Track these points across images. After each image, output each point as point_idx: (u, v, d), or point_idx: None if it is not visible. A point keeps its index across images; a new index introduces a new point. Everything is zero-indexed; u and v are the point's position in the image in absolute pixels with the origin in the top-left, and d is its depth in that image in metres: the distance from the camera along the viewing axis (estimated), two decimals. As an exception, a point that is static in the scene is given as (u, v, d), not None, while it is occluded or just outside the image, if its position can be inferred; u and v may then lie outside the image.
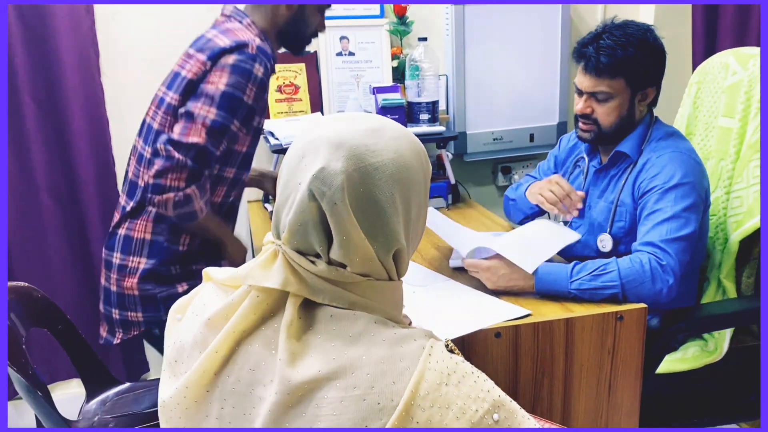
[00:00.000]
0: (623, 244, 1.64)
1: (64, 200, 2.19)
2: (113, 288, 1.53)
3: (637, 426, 1.50)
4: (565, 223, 1.84)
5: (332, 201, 0.75)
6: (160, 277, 1.50)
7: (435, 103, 2.22)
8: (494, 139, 2.49)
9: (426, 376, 0.72)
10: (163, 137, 1.40)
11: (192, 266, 1.53)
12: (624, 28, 1.57)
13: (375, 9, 2.32)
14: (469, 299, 1.46)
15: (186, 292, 1.47)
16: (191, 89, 1.43)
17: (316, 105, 2.33)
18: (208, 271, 0.92)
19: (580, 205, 1.70)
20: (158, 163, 1.38)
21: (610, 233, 1.65)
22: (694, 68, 2.28)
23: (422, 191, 0.83)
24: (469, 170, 2.58)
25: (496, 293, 1.47)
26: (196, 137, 1.38)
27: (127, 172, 1.59)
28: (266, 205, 2.27)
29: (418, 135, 2.13)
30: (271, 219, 2.16)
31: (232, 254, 1.63)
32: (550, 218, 1.83)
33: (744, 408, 1.66)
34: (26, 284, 1.61)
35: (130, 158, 1.59)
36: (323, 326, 0.77)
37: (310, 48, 2.31)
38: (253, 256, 2.11)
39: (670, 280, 1.44)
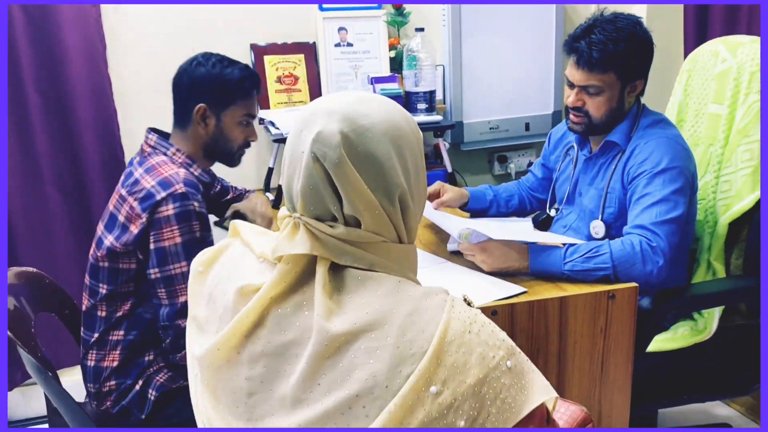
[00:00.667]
0: (614, 230, 1.68)
1: (69, 190, 2.22)
2: (96, 410, 1.57)
3: (629, 402, 1.55)
4: (556, 212, 1.89)
5: (333, 159, 0.82)
6: (127, 390, 1.53)
7: (432, 93, 2.27)
8: (490, 128, 2.53)
9: (451, 325, 0.79)
10: (163, 311, 1.46)
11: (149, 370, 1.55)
12: (614, 22, 1.60)
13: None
14: (466, 278, 1.51)
15: (142, 388, 1.50)
16: (139, 244, 1.45)
17: (315, 95, 2.37)
18: (237, 225, 0.98)
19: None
20: (170, 336, 1.47)
21: (601, 220, 1.69)
22: (685, 57, 2.33)
23: (416, 149, 0.90)
24: (465, 159, 2.63)
25: (492, 275, 1.52)
26: (184, 296, 1.44)
27: (83, 306, 1.61)
28: (267, 193, 2.32)
29: (415, 124, 2.21)
30: (272, 207, 2.20)
31: None
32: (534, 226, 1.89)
33: (732, 385, 1.71)
34: (35, 270, 1.65)
35: (84, 293, 1.60)
36: (353, 287, 0.83)
37: (308, 39, 2.38)
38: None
39: (660, 261, 1.49)
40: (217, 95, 1.56)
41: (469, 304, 0.87)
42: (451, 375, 0.77)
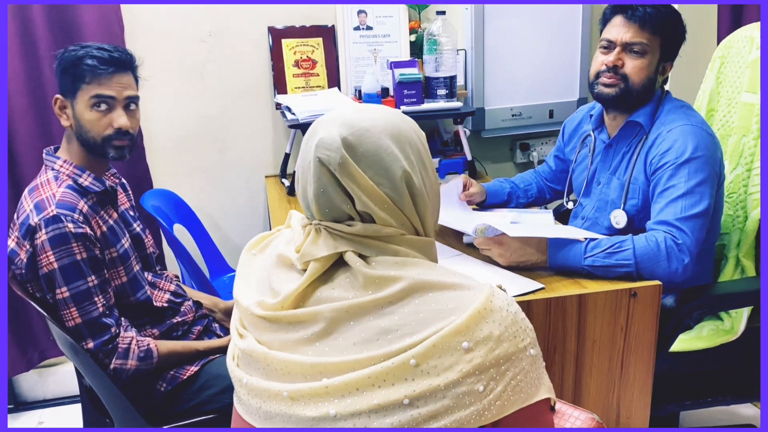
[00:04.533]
0: (637, 222, 1.62)
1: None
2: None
3: (649, 403, 1.50)
4: (574, 204, 1.83)
5: (337, 161, 0.86)
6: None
7: (453, 78, 2.20)
8: (513, 115, 2.46)
9: (493, 299, 0.84)
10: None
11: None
12: None
13: (393, -18, 2.30)
14: (483, 272, 1.46)
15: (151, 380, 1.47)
16: (31, 271, 1.40)
17: (333, 80, 2.33)
18: (291, 214, 1.03)
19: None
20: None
21: (623, 209, 1.63)
22: (718, 43, 2.23)
23: (418, 145, 0.92)
24: (486, 147, 2.57)
25: (509, 269, 1.47)
26: (72, 319, 1.39)
27: None
28: (283, 180, 2.29)
29: (435, 110, 2.17)
30: (287, 193, 2.18)
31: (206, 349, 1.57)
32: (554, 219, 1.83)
33: (758, 387, 1.65)
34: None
35: None
36: (389, 267, 0.87)
37: (327, 22, 2.32)
38: (271, 229, 2.13)
39: (685, 259, 1.43)
40: (64, 79, 1.44)
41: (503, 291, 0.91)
42: (484, 341, 0.81)
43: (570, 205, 1.84)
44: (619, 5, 1.59)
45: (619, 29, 1.58)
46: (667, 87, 1.70)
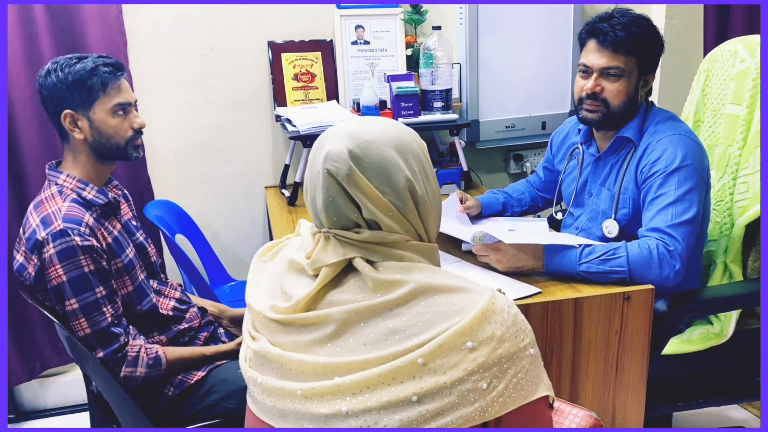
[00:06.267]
0: (628, 230, 1.68)
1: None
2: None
3: (643, 404, 1.55)
4: (563, 214, 1.88)
5: (344, 172, 0.92)
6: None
7: (448, 91, 2.27)
8: (506, 127, 2.53)
9: (495, 301, 0.89)
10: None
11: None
12: (631, 11, 1.64)
13: (390, -2, 2.36)
14: (481, 278, 1.51)
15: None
16: (39, 284, 1.43)
17: (332, 93, 2.38)
18: (300, 223, 1.08)
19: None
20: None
21: (614, 219, 1.69)
22: (704, 57, 2.31)
23: (420, 155, 0.98)
24: (481, 157, 2.63)
25: (507, 274, 1.52)
26: (81, 330, 1.42)
27: None
28: (283, 190, 2.33)
29: (431, 122, 2.23)
30: (288, 204, 2.22)
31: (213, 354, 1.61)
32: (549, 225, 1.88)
33: (747, 388, 1.70)
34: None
35: None
36: (395, 271, 0.92)
37: (325, 37, 2.38)
38: (271, 238, 2.16)
39: (677, 265, 1.48)
40: (76, 95, 1.47)
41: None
42: (487, 340, 0.86)
43: (559, 216, 1.89)
44: (592, 30, 1.64)
45: (594, 55, 1.63)
46: (656, 98, 1.76)
